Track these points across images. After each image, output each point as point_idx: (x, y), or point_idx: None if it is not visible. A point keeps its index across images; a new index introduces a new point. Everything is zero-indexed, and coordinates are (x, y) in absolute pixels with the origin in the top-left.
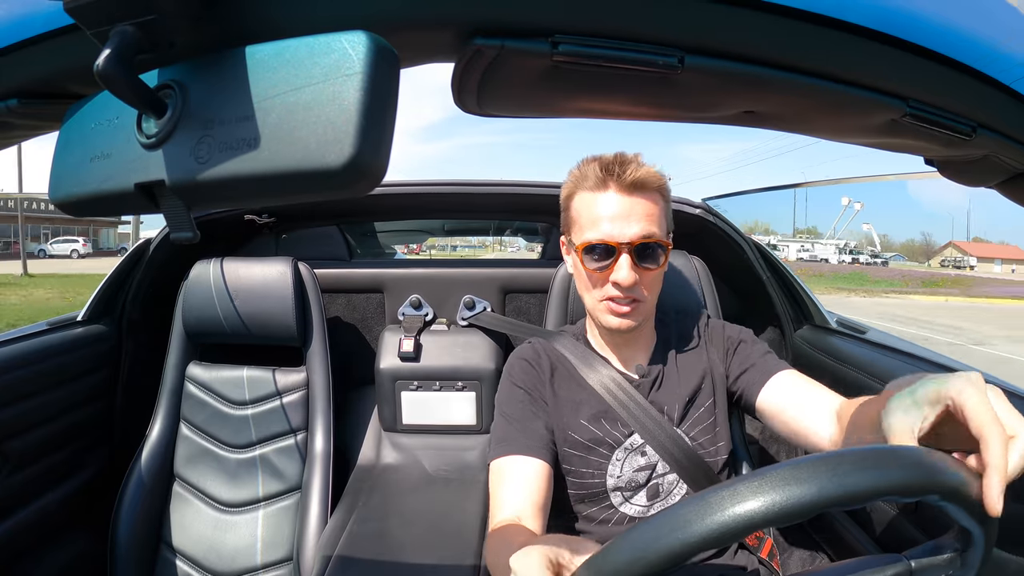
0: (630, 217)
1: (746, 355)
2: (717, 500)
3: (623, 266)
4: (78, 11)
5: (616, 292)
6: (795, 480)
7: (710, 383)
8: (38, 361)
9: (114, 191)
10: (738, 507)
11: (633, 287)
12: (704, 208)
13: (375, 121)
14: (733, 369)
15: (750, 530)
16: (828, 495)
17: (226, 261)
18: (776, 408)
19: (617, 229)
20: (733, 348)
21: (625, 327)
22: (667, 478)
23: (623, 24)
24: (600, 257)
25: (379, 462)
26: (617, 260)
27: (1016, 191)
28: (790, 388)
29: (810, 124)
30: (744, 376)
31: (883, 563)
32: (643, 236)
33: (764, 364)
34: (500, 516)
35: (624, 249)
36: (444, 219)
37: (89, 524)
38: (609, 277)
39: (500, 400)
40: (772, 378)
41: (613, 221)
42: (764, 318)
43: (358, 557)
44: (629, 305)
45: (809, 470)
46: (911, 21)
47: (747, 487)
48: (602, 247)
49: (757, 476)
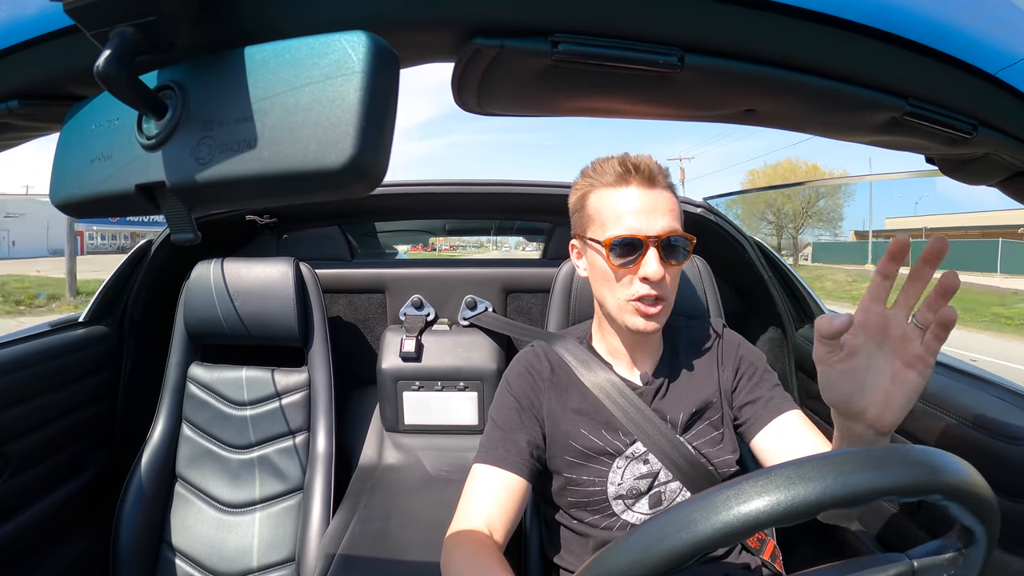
0: (654, 211)
1: (755, 384)
2: (722, 499)
3: (651, 260)
4: (78, 12)
5: (645, 290)
6: (800, 479)
7: (719, 397)
8: (40, 362)
9: (115, 192)
10: (743, 506)
11: (660, 282)
12: (705, 207)
13: (375, 121)
14: (739, 396)
15: (756, 529)
16: (833, 494)
17: (227, 262)
18: (772, 451)
19: (644, 223)
20: (745, 373)
21: (651, 329)
22: (670, 486)
23: (623, 23)
24: (627, 252)
25: (381, 462)
26: (645, 255)
27: (1017, 189)
28: (791, 435)
29: (810, 122)
30: (747, 408)
31: (885, 562)
32: (669, 230)
33: (771, 401)
34: (468, 522)
35: (651, 243)
36: (445, 219)
37: (91, 525)
38: (637, 273)
39: (493, 404)
40: (776, 419)
41: (638, 215)
42: (765, 317)
43: (360, 557)
44: (656, 305)
45: (814, 469)
46: (911, 19)
47: (752, 486)
48: (630, 241)
49: (762, 475)
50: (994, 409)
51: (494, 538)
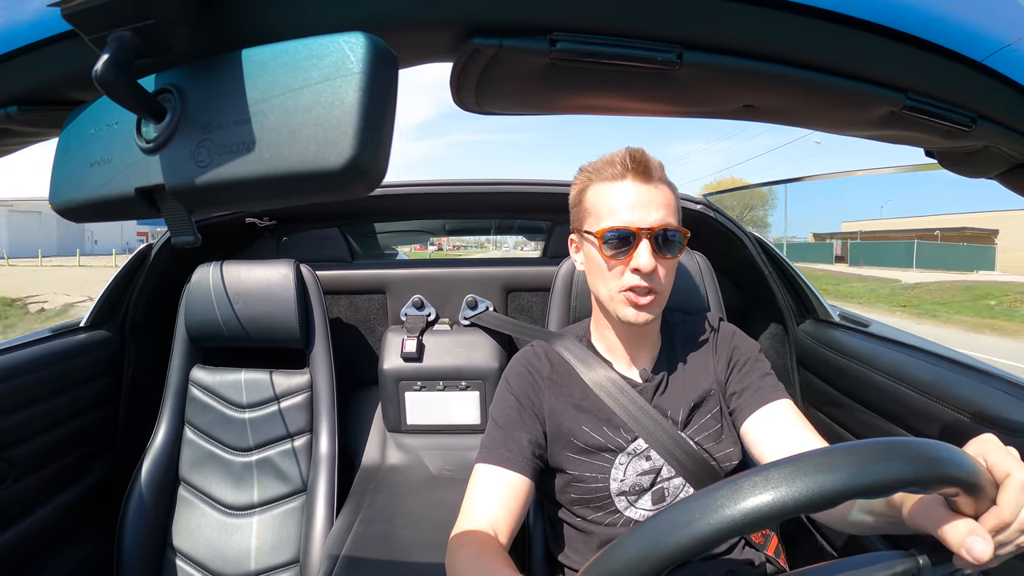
0: (649, 205)
1: (745, 374)
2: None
3: (643, 252)
4: (76, 17)
5: (635, 281)
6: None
7: (717, 390)
8: (42, 367)
9: (114, 196)
10: (768, 493)
11: (652, 274)
12: (705, 203)
13: (374, 122)
14: (730, 386)
15: (782, 516)
16: (859, 483)
17: (228, 264)
18: (757, 439)
19: (637, 216)
20: (737, 364)
21: (642, 320)
22: (673, 482)
23: (621, 21)
24: (620, 244)
25: (384, 463)
26: (637, 246)
27: (1017, 182)
28: (776, 422)
29: (809, 117)
30: (736, 398)
31: (893, 559)
32: (663, 223)
33: (759, 390)
34: (471, 522)
35: (644, 235)
36: (446, 219)
37: (95, 529)
38: (629, 264)
39: (493, 404)
40: (762, 408)
41: (632, 208)
42: (766, 312)
43: (364, 558)
44: (648, 296)
45: (841, 457)
46: (909, 13)
47: (779, 473)
48: (622, 232)
49: (790, 463)
50: (997, 402)
51: (498, 538)
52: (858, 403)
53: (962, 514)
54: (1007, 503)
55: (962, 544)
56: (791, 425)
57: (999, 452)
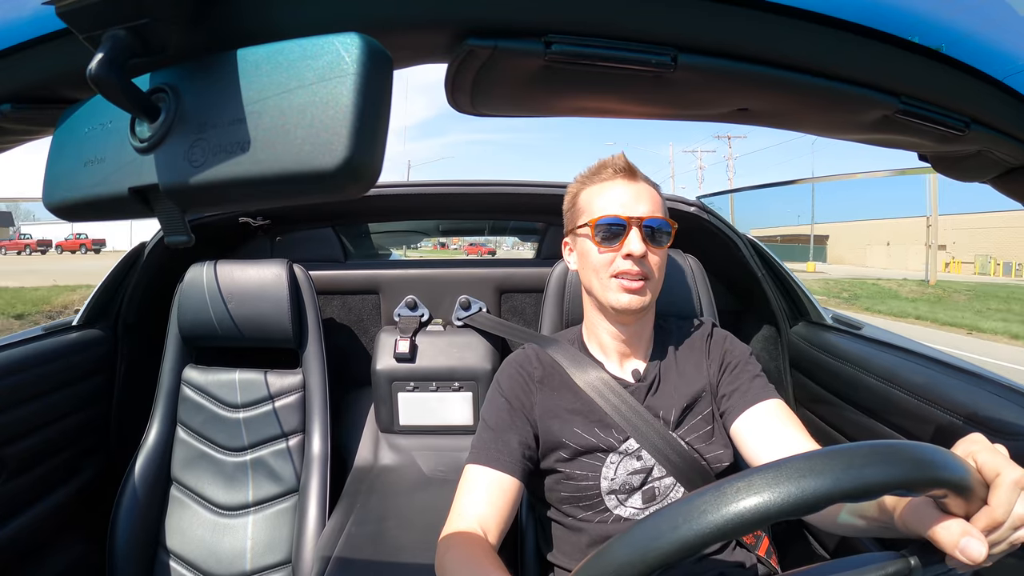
0: (638, 199)
1: (736, 376)
2: (733, 491)
3: (634, 239)
4: (70, 15)
5: (627, 266)
6: (811, 472)
7: (709, 392)
8: (34, 366)
9: (108, 195)
10: (752, 499)
11: (643, 260)
12: (699, 206)
13: (368, 123)
14: (721, 388)
15: (765, 521)
16: (843, 487)
17: (221, 264)
18: (746, 439)
19: (627, 209)
20: (728, 367)
21: (636, 305)
22: (663, 481)
23: (616, 23)
24: (611, 234)
25: (376, 463)
26: (628, 235)
27: (1010, 186)
28: (765, 422)
29: (804, 121)
30: (726, 400)
31: (884, 560)
32: (651, 214)
33: (749, 390)
34: (461, 523)
35: (634, 223)
36: (440, 219)
37: (87, 528)
38: (620, 251)
39: (484, 405)
40: (751, 408)
41: (624, 204)
42: (760, 315)
43: (356, 559)
44: (639, 281)
45: (825, 462)
46: (903, 17)
47: (762, 478)
48: (614, 220)
49: (773, 468)
50: (988, 405)
51: (488, 538)
52: (850, 405)
53: (953, 515)
54: (999, 503)
55: (956, 545)
56: (780, 425)
57: (988, 452)
